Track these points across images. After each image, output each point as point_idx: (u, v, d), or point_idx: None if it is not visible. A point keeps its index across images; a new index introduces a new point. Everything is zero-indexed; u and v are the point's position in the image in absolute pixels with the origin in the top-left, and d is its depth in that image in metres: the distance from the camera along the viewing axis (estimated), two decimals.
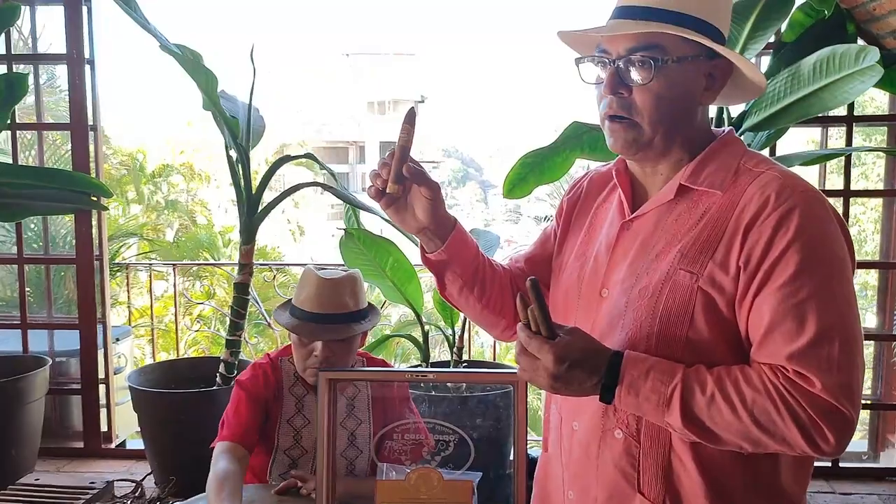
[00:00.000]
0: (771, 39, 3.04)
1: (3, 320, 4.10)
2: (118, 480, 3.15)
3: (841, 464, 3.46)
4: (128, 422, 3.79)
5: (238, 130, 3.13)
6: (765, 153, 2.61)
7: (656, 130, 1.14)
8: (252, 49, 3.14)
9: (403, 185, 1.20)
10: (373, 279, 3.18)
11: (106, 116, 4.02)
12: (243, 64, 3.14)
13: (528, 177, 3.01)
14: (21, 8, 3.27)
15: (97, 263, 3.63)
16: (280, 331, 4.94)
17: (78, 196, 3.40)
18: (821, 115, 2.96)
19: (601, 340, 1.11)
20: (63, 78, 3.67)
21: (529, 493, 1.41)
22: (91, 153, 3.56)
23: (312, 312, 1.89)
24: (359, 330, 1.93)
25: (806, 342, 1.01)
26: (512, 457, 1.49)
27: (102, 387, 3.72)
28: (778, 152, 3.22)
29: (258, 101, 3.26)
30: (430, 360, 3.38)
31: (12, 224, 3.83)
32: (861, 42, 3.09)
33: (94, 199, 3.47)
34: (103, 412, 3.74)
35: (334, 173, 3.42)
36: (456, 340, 3.37)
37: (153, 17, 3.00)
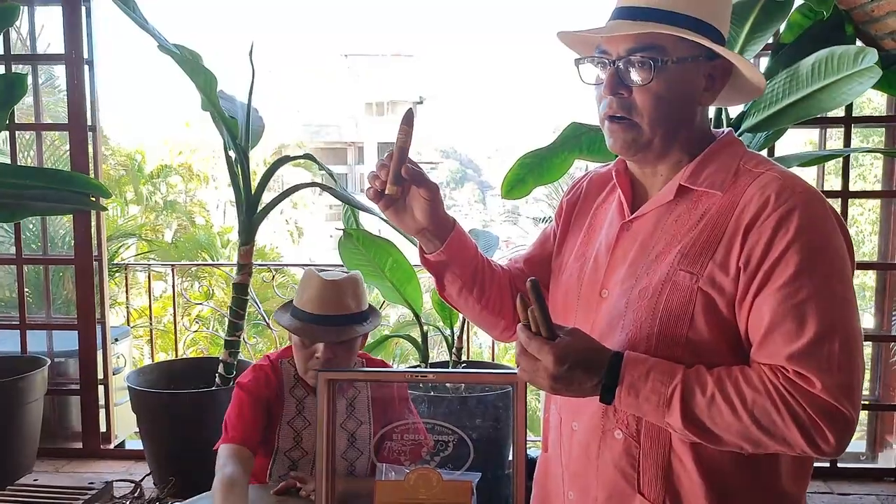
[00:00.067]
0: (769, 41, 3.04)
1: (2, 321, 4.10)
2: (117, 481, 3.15)
3: (839, 464, 3.47)
4: (127, 422, 3.80)
5: (237, 131, 3.13)
6: (763, 154, 2.61)
7: (656, 131, 1.14)
8: (251, 49, 3.14)
9: (402, 187, 1.20)
10: (372, 280, 3.17)
11: (105, 117, 4.02)
12: (242, 64, 3.15)
13: (527, 177, 3.01)
14: (20, 8, 3.27)
15: (96, 264, 3.63)
16: (279, 331, 4.95)
17: (77, 196, 3.40)
18: (819, 117, 2.95)
19: (601, 341, 1.11)
20: (62, 78, 3.67)
21: (529, 494, 1.41)
22: (90, 153, 3.56)
23: (314, 314, 1.88)
24: (361, 331, 1.93)
25: (806, 342, 1.01)
26: (511, 457, 1.49)
27: (101, 387, 3.72)
28: (776, 153, 3.22)
29: (257, 102, 3.26)
30: (429, 361, 3.38)
31: (11, 224, 3.83)
32: (859, 43, 3.09)
33: (93, 200, 3.47)
34: (102, 412, 3.74)
35: (333, 174, 3.42)
36: (455, 341, 3.37)
37: (152, 17, 3.00)
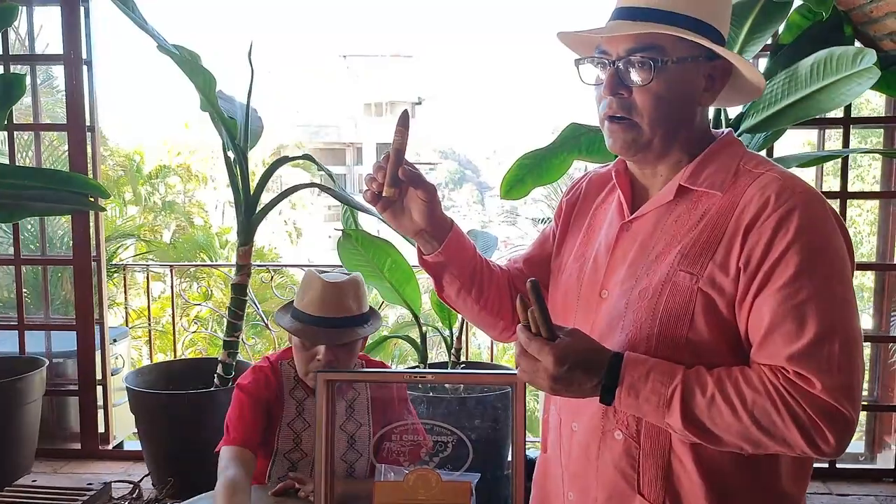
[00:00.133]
0: (768, 41, 3.04)
1: (0, 321, 4.08)
2: (116, 482, 3.16)
3: (838, 465, 3.47)
4: (125, 423, 3.79)
5: (236, 131, 3.13)
6: (762, 155, 2.61)
7: (656, 131, 1.14)
8: (250, 50, 3.14)
9: (399, 189, 1.20)
10: (371, 280, 3.17)
11: (103, 117, 4.01)
12: (241, 65, 3.15)
13: (526, 178, 3.01)
14: (18, 8, 3.26)
15: (94, 264, 3.62)
16: (277, 332, 4.94)
17: (75, 197, 3.39)
18: (818, 117, 2.95)
19: (600, 341, 1.11)
20: (60, 78, 3.65)
21: (528, 495, 1.40)
22: (88, 154, 3.55)
23: (316, 316, 1.88)
24: (362, 334, 1.93)
25: (806, 343, 1.01)
26: (510, 458, 1.49)
27: (100, 388, 3.71)
28: (775, 154, 3.22)
29: (256, 102, 3.26)
30: (428, 362, 3.38)
31: (9, 225, 3.83)
32: (858, 44, 3.10)
33: (92, 200, 3.47)
34: (101, 413, 3.73)
35: (332, 174, 3.41)
36: (454, 342, 3.37)
37: (151, 18, 3.00)
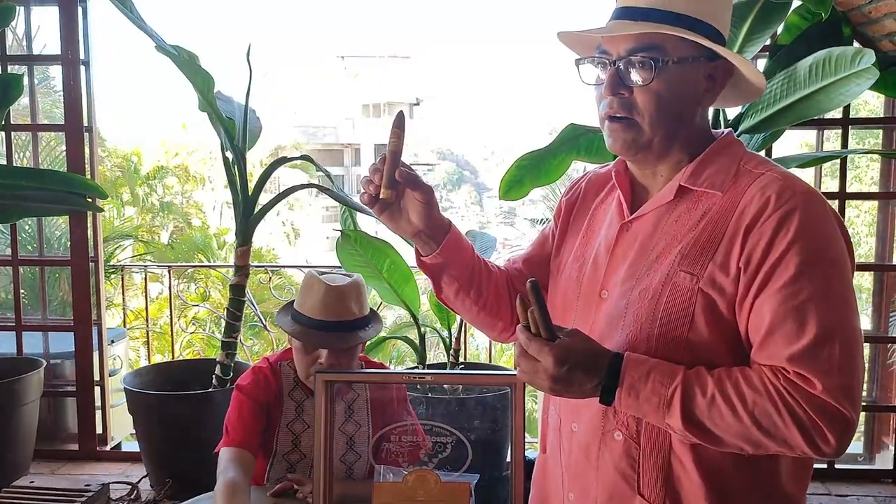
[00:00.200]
0: (767, 42, 3.04)
1: None
2: (114, 483, 3.15)
3: (837, 465, 3.47)
4: (123, 424, 3.79)
5: (234, 132, 3.12)
6: (762, 155, 2.61)
7: (656, 131, 1.13)
8: (248, 50, 3.14)
9: (396, 190, 1.19)
10: (369, 281, 3.16)
11: (101, 118, 4.00)
12: (239, 65, 3.14)
13: (525, 179, 3.00)
14: (16, 8, 3.26)
15: (92, 265, 3.61)
16: (276, 333, 4.93)
17: (73, 198, 3.38)
18: (816, 118, 2.95)
19: (600, 342, 1.11)
20: (58, 79, 3.64)
21: (527, 495, 1.40)
22: (86, 155, 3.54)
23: (318, 320, 1.86)
24: (365, 337, 1.92)
25: (806, 343, 1.01)
26: (509, 458, 1.49)
27: (97, 389, 3.70)
28: (774, 154, 3.22)
29: (254, 103, 3.25)
30: (427, 362, 3.38)
31: (7, 226, 3.81)
32: (857, 45, 3.10)
33: (89, 201, 3.46)
34: (98, 414, 3.72)
35: (330, 175, 3.41)
36: (452, 342, 3.37)
37: (149, 18, 2.99)
